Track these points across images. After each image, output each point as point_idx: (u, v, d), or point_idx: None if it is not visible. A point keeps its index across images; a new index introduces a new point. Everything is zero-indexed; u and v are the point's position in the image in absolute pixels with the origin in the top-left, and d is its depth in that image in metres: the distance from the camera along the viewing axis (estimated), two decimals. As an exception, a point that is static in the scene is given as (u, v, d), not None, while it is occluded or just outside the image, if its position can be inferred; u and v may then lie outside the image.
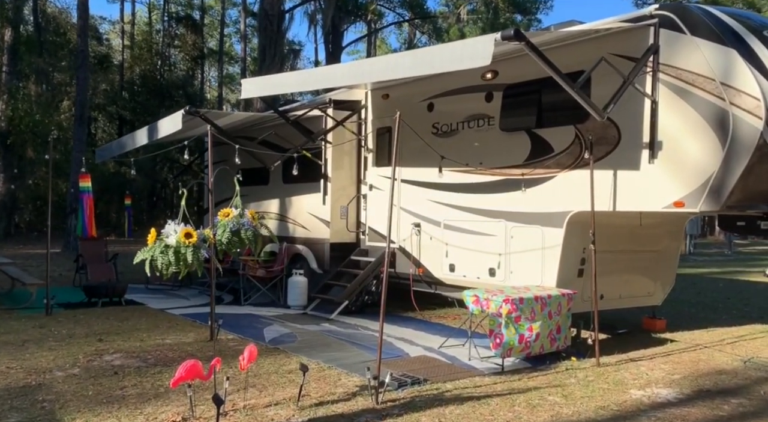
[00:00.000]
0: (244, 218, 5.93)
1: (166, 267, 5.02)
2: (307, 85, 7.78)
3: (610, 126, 6.76)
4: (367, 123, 10.04)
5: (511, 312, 6.33)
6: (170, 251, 4.99)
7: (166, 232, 5.13)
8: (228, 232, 5.66)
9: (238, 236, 5.71)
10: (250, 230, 5.80)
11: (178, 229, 5.09)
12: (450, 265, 8.63)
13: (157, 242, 5.09)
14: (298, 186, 10.69)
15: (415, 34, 32.46)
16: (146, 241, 5.16)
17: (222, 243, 5.62)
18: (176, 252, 4.98)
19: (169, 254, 4.98)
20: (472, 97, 8.38)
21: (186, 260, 5.00)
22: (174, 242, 5.03)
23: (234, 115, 9.49)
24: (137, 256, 5.20)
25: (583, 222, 7.19)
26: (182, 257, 4.99)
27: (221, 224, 5.80)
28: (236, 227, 5.72)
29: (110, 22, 41.88)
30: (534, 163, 7.57)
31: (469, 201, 8.37)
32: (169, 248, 5.02)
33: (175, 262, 4.99)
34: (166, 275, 5.16)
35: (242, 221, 5.84)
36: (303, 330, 8.20)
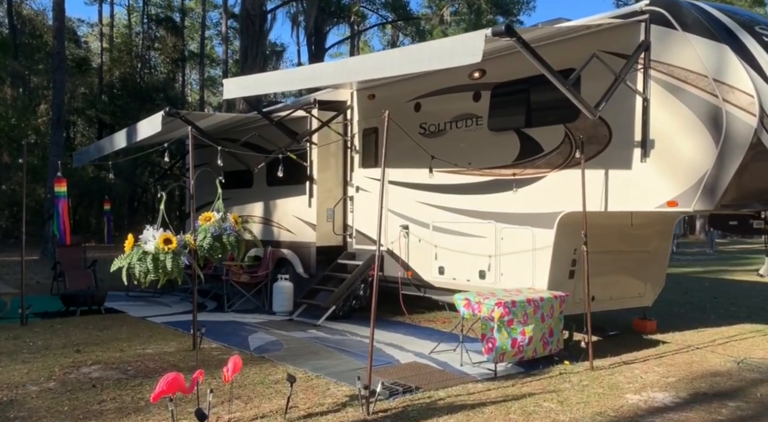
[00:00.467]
0: (227, 223, 5.70)
1: (144, 275, 4.79)
2: (292, 85, 7.57)
3: (601, 125, 6.63)
4: (352, 124, 9.85)
5: (504, 316, 6.17)
6: (148, 258, 4.76)
7: (144, 238, 4.89)
8: (209, 237, 5.43)
9: (220, 242, 5.48)
10: (232, 234, 5.57)
11: (157, 235, 4.86)
12: (439, 268, 8.46)
13: (135, 248, 4.85)
14: (283, 189, 10.47)
15: (398, 36, 32.34)
16: (124, 248, 4.92)
17: (203, 249, 5.39)
18: (155, 259, 4.75)
19: (148, 262, 4.75)
20: (459, 96, 8.23)
21: (165, 268, 4.77)
22: (152, 248, 4.80)
23: (216, 116, 9.25)
24: (114, 264, 4.96)
25: (574, 223, 7.06)
26: (161, 265, 4.76)
27: (202, 229, 5.56)
28: (218, 232, 5.50)
29: (88, 24, 41.29)
30: (523, 163, 7.43)
31: (458, 202, 8.21)
32: (147, 254, 4.79)
33: (153, 269, 4.76)
34: (144, 284, 4.93)
35: (224, 226, 5.61)
36: (289, 337, 7.98)
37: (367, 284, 9.23)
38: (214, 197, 12.66)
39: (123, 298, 11.18)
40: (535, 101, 7.39)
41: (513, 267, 7.55)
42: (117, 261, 4.92)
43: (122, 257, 4.89)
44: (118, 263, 4.89)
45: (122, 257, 4.89)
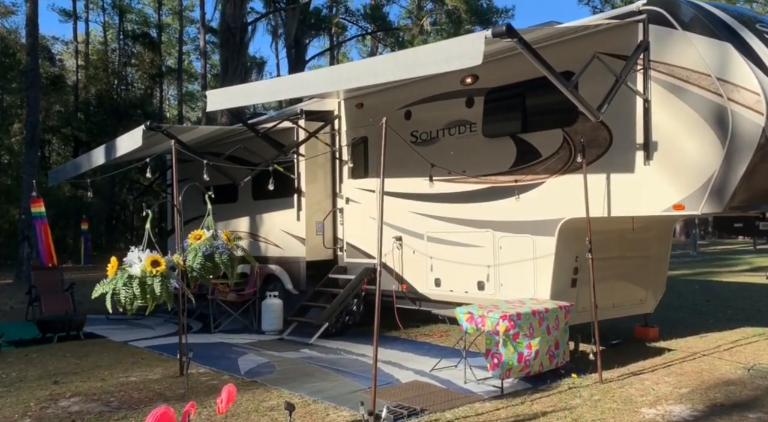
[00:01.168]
0: (218, 240, 5.35)
1: (130, 302, 4.42)
2: (279, 94, 7.26)
3: (601, 128, 6.41)
4: (340, 134, 9.56)
5: (509, 329, 5.89)
6: (135, 282, 4.40)
7: (129, 260, 4.53)
8: (200, 257, 5.08)
9: (211, 261, 5.12)
10: (225, 253, 5.22)
11: (143, 256, 4.50)
12: (435, 279, 8.17)
13: (119, 272, 4.48)
14: (270, 202, 10.12)
15: (378, 47, 32.21)
16: (106, 271, 4.55)
17: (194, 270, 5.03)
18: (142, 284, 4.39)
19: (134, 286, 4.38)
20: (451, 103, 7.98)
21: (153, 292, 4.41)
22: (139, 271, 4.44)
23: (199, 129, 8.90)
24: (96, 290, 4.58)
25: (576, 229, 6.83)
26: (149, 289, 4.40)
27: (192, 249, 5.21)
28: (209, 251, 5.14)
29: (63, 42, 40.67)
30: (521, 169, 7.19)
31: (454, 211, 7.95)
32: (133, 279, 4.43)
33: (140, 295, 4.39)
34: (131, 311, 4.56)
35: (216, 244, 5.26)
36: (281, 358, 7.61)
37: (360, 299, 8.91)
38: (197, 214, 12.31)
39: (103, 321, 10.71)
40: (531, 106, 7.17)
41: (513, 277, 7.28)
42: (99, 287, 4.54)
43: (105, 282, 4.51)
44: (101, 289, 4.52)
45: (105, 282, 4.51)
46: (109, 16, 41.61)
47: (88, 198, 15.23)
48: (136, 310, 4.57)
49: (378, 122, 8.87)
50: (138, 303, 4.48)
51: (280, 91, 7.16)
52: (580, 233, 6.92)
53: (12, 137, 28.75)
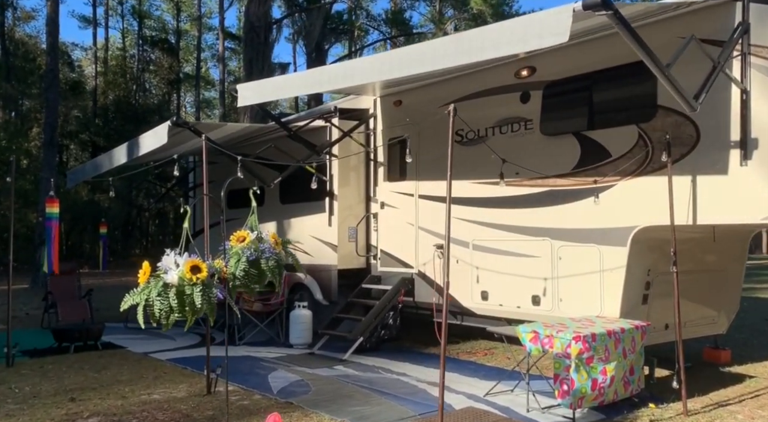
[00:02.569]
0: (265, 243, 4.69)
1: (166, 315, 3.77)
2: (319, 86, 6.60)
3: (686, 123, 5.68)
4: (376, 134, 8.89)
5: (583, 352, 5.14)
6: (171, 291, 3.75)
7: (164, 265, 3.87)
8: (244, 262, 4.41)
9: (257, 268, 4.45)
10: (272, 258, 4.55)
11: (181, 261, 3.84)
12: (482, 292, 7.44)
13: (153, 279, 3.83)
14: (299, 206, 9.47)
15: (399, 53, 31.56)
16: (136, 278, 3.90)
17: (236, 278, 4.37)
18: (179, 293, 3.73)
19: (170, 297, 3.73)
20: (503, 98, 7.29)
21: (193, 304, 3.75)
22: (176, 279, 3.78)
23: (227, 127, 8.28)
24: (125, 300, 3.93)
25: (650, 239, 6.10)
26: (188, 300, 3.75)
27: (234, 253, 4.54)
28: (254, 256, 4.47)
29: (82, 48, 40.60)
30: (586, 171, 6.47)
31: (504, 217, 7.23)
32: (169, 287, 3.77)
33: (178, 307, 3.74)
34: (167, 326, 3.90)
35: (262, 248, 4.60)
36: (315, 375, 6.92)
37: (396, 312, 8.19)
38: (216, 220, 11.69)
39: (121, 330, 10.07)
40: (599, 99, 6.46)
41: (574, 292, 6.54)
42: (130, 297, 3.88)
43: (136, 292, 3.85)
44: (132, 299, 3.86)
45: (136, 292, 3.85)
46: (128, 22, 41.52)
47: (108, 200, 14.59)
48: (172, 324, 3.90)
49: (418, 121, 8.24)
50: (175, 317, 3.82)
51: (321, 82, 6.52)
52: (655, 244, 6.20)
53: (31, 140, 28.44)
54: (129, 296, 3.90)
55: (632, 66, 6.06)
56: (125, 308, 3.93)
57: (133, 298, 3.84)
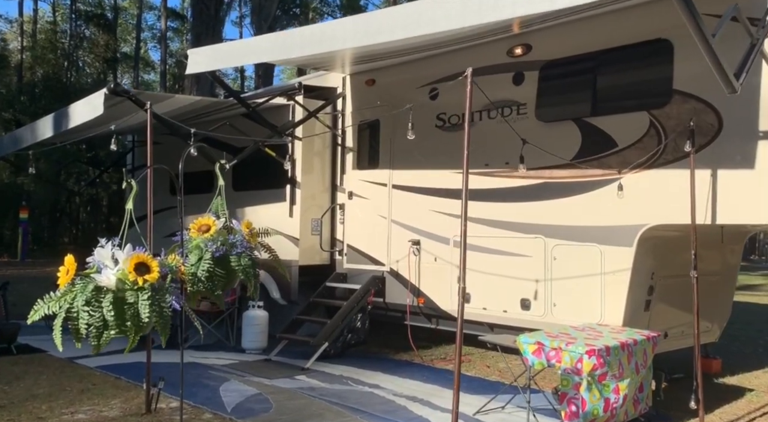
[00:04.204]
0: (236, 235, 3.77)
1: (97, 332, 2.79)
2: (286, 52, 5.63)
3: (705, 110, 5.08)
4: (344, 116, 8.01)
5: (596, 368, 4.46)
6: (106, 299, 2.78)
7: (96, 261, 2.88)
8: (209, 260, 3.47)
9: (224, 267, 3.52)
10: (245, 255, 3.64)
11: (122, 256, 2.87)
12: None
13: (79, 281, 2.83)
14: (255, 194, 8.49)
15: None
16: (55, 278, 2.91)
17: (198, 280, 3.41)
18: (118, 302, 2.75)
19: (105, 306, 2.76)
20: (493, 79, 6.54)
21: (138, 317, 2.78)
22: (113, 281, 2.80)
23: (175, 99, 7.18)
24: (35, 309, 2.93)
25: (656, 239, 5.51)
26: (131, 311, 2.77)
27: (195, 247, 3.60)
28: (221, 251, 3.54)
29: (7, 20, 37.68)
30: (587, 162, 5.81)
31: (491, 212, 6.51)
32: (103, 293, 2.79)
33: (116, 321, 2.75)
34: (97, 348, 2.92)
35: (232, 240, 3.68)
36: (274, 387, 6.01)
37: (365, 314, 7.36)
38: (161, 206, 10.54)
39: (42, 329, 8.77)
40: (604, 83, 5.81)
41: (571, 296, 5.89)
42: (42, 305, 2.87)
43: (53, 298, 2.87)
44: (45, 308, 2.86)
45: (53, 298, 2.87)
46: (59, -5, 38.82)
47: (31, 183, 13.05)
48: (106, 345, 2.94)
49: (393, 103, 7.41)
50: (110, 335, 2.85)
51: (290, 47, 5.57)
52: (660, 244, 5.62)
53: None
54: (42, 303, 2.90)
55: (644, 46, 5.47)
56: (34, 319, 2.95)
57: (47, 306, 2.85)
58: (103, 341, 2.84)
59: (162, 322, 2.91)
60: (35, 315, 2.90)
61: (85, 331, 2.81)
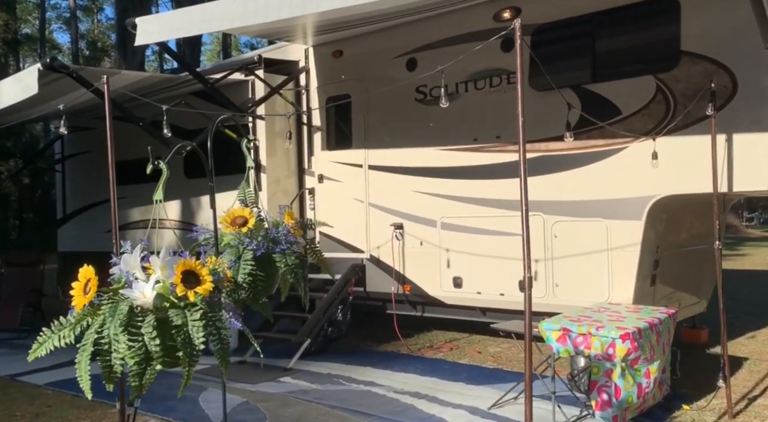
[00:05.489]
0: (281, 227, 3.16)
1: (138, 368, 2.07)
2: (259, 15, 4.93)
3: (719, 72, 4.82)
4: (309, 92, 7.37)
5: (630, 353, 4.14)
6: (147, 322, 2.09)
7: (123, 271, 2.22)
8: (250, 260, 2.83)
9: (265, 268, 2.89)
10: (289, 252, 3.02)
11: (160, 263, 2.19)
12: (454, 279, 6.30)
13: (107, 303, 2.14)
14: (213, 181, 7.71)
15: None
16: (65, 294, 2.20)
17: (239, 287, 2.75)
18: (161, 325, 2.08)
19: (146, 332, 2.06)
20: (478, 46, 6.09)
21: (191, 344, 2.11)
22: (151, 298, 2.12)
23: (123, 76, 6.29)
24: (40, 342, 2.20)
25: (664, 212, 5.25)
26: (181, 337, 2.10)
27: (227, 245, 2.96)
28: (263, 248, 2.92)
29: None
30: (588, 132, 5.47)
31: (482, 190, 6.11)
32: (141, 315, 2.17)
33: (162, 349, 2.06)
34: (139, 387, 2.21)
35: (274, 234, 3.06)
36: (260, 393, 5.42)
37: (347, 306, 6.83)
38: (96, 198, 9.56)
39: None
40: (604, 46, 5.46)
41: (574, 275, 5.58)
42: (52, 334, 2.14)
43: (64, 325, 2.14)
44: (54, 340, 2.13)
45: (64, 325, 2.14)
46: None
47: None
48: (149, 384, 2.23)
49: (369, 75, 6.86)
50: (155, 370, 2.17)
51: (265, 10, 4.90)
52: (668, 217, 5.38)
53: None
54: (50, 332, 2.19)
55: (647, 5, 5.15)
56: (38, 355, 2.24)
57: (59, 336, 2.15)
58: (146, 380, 2.18)
59: (222, 349, 2.28)
60: (41, 350, 2.21)
61: (121, 368, 2.15)
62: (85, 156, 9.54)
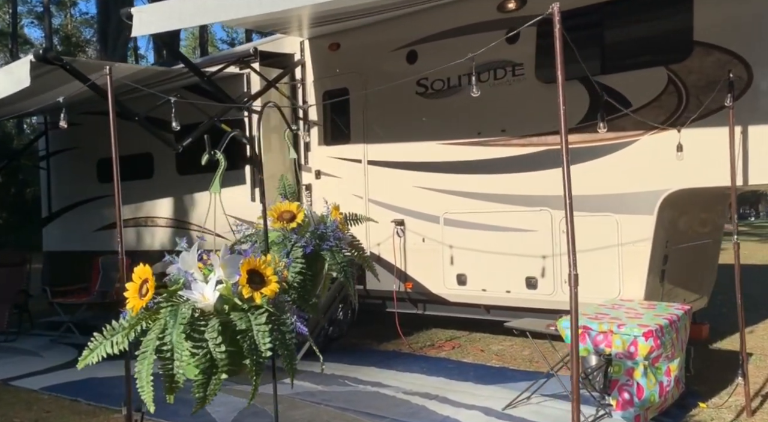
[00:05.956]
0: (329, 223, 2.99)
1: (203, 378, 1.90)
2: (247, 8, 4.74)
3: (733, 62, 4.74)
4: (305, 86, 7.19)
5: (652, 351, 4.06)
6: (211, 326, 1.90)
7: (180, 270, 2.07)
8: (300, 259, 2.64)
9: (312, 266, 2.71)
10: (337, 249, 2.84)
11: (221, 260, 2.02)
12: (458, 276, 6.18)
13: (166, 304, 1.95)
14: (206, 177, 7.44)
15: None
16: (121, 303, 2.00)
17: (290, 287, 2.55)
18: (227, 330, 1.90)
19: (210, 338, 1.87)
20: (483, 38, 5.95)
21: (257, 351, 1.97)
22: (213, 299, 1.94)
23: (117, 68, 6.02)
24: (91, 348, 1.98)
25: (675, 206, 5.18)
26: (247, 343, 1.98)
27: (271, 239, 2.79)
28: (311, 245, 2.75)
29: None
30: (596, 124, 5.36)
31: (487, 185, 5.99)
32: (207, 318, 1.96)
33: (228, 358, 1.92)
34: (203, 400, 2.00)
35: (321, 230, 2.90)
36: (265, 395, 5.19)
37: (348, 304, 6.69)
38: (83, 196, 9.26)
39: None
40: (613, 37, 5.37)
41: (583, 271, 5.39)
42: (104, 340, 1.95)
43: (117, 329, 1.98)
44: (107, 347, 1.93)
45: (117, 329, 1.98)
46: None
47: None
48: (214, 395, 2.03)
49: (368, 67, 6.70)
50: (220, 380, 1.97)
51: (261, 3, 4.72)
52: (679, 212, 5.32)
53: None
54: (102, 337, 1.99)
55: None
56: (88, 362, 2.04)
57: (111, 342, 1.95)
58: (211, 390, 2.00)
59: (288, 355, 2.13)
60: (91, 356, 2.02)
61: (183, 377, 1.96)
62: (71, 153, 9.24)
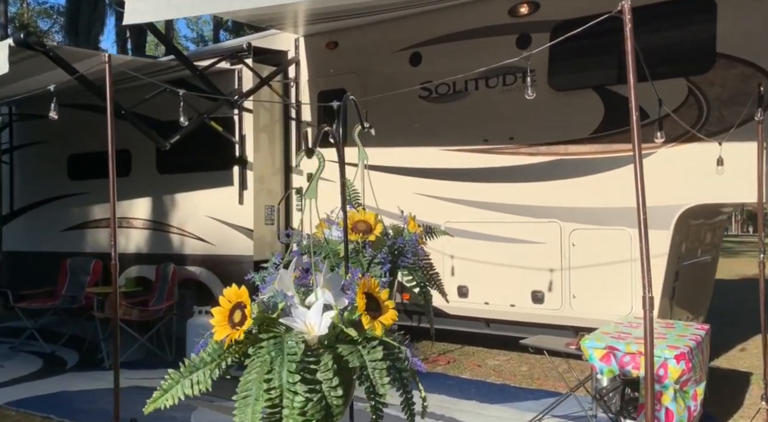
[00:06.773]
0: (408, 237, 2.66)
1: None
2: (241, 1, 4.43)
3: (756, 75, 4.63)
4: (299, 85, 6.86)
5: (683, 374, 3.87)
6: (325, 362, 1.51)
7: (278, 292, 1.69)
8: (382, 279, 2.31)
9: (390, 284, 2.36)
10: (415, 265, 2.52)
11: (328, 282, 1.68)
12: (459, 288, 5.93)
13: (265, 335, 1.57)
14: (191, 177, 7.08)
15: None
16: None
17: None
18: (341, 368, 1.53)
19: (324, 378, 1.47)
20: (492, 42, 5.77)
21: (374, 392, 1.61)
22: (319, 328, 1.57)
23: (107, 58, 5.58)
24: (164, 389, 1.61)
25: (689, 221, 5.05)
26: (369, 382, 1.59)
27: (335, 250, 2.45)
28: (388, 260, 2.41)
29: None
30: (611, 135, 5.21)
31: (493, 194, 5.77)
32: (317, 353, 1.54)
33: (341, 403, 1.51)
34: None
35: (401, 244, 2.56)
36: None
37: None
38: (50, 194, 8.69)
39: None
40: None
41: (594, 286, 5.30)
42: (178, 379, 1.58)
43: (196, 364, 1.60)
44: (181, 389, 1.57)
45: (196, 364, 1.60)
46: None
47: None
48: None
49: (368, 68, 6.42)
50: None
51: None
52: (693, 227, 5.18)
53: None
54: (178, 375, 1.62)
55: (681, 3, 4.92)
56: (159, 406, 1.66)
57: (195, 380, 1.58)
58: None
59: (407, 401, 1.80)
60: (166, 399, 1.65)
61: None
62: (38, 147, 8.68)
